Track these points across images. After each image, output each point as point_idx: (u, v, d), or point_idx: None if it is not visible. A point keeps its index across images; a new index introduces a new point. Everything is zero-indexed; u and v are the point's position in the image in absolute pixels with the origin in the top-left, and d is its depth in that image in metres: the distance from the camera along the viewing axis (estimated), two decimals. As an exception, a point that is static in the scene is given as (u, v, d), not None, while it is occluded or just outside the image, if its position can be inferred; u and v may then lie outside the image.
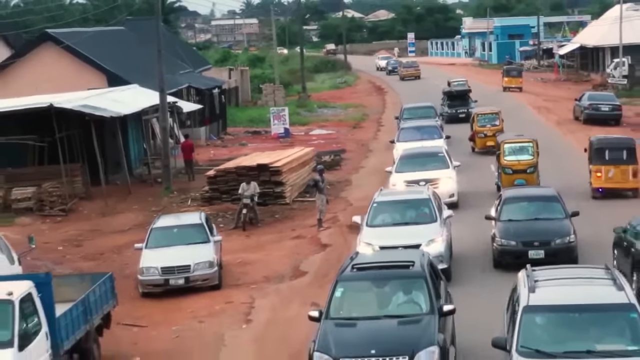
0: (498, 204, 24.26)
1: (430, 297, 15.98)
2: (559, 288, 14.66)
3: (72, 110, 34.56)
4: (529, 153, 31.51)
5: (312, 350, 15.18)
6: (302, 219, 31.52)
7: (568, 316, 13.96)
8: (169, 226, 24.64)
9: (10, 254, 21.76)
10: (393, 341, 15.14)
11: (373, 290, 16.41)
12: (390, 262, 17.03)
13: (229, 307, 21.82)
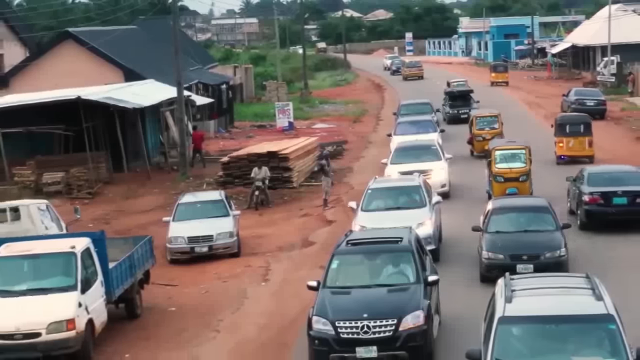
0: (485, 214, 23.20)
1: (416, 269, 17.57)
2: (536, 298, 14.18)
3: (97, 102, 37.75)
4: (521, 160, 29.95)
5: (311, 314, 16.77)
6: (309, 200, 34.73)
7: (545, 327, 13.49)
8: (193, 202, 27.90)
9: (59, 223, 25.00)
10: (383, 306, 16.70)
11: (365, 262, 18.07)
12: (381, 238, 18.79)
13: (248, 270, 25.02)
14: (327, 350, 16.38)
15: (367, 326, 16.28)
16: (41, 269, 18.96)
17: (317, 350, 16.54)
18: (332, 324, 16.44)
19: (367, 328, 16.27)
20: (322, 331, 16.49)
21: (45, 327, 17.92)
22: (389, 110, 65.27)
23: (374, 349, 16.22)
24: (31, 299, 18.34)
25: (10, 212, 24.29)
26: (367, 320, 16.33)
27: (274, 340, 19.04)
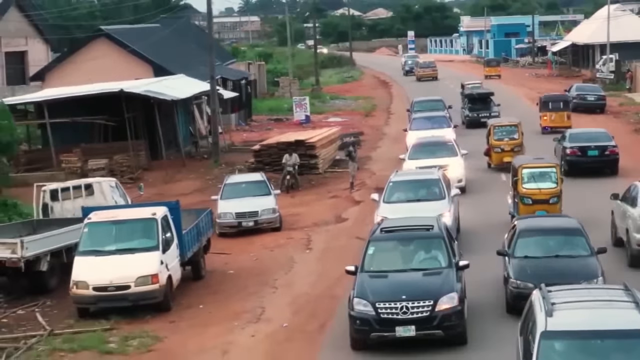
0: (511, 236, 21.08)
1: (448, 254, 18.76)
2: (578, 311, 13.66)
3: (138, 94, 40.94)
4: (551, 180, 27.04)
5: (352, 297, 17.82)
6: (334, 184, 37.98)
7: (590, 343, 13.10)
8: (239, 182, 31.18)
9: (126, 198, 28.26)
10: (420, 288, 17.76)
11: (399, 248, 19.18)
12: (413, 226, 19.90)
13: (291, 241, 28.27)
14: (368, 330, 17.43)
15: (405, 307, 17.37)
16: (127, 232, 22.21)
17: (358, 329, 17.59)
18: (373, 305, 17.48)
19: (406, 309, 17.36)
20: (363, 312, 17.54)
21: (134, 281, 21.17)
22: (398, 105, 68.73)
23: (412, 328, 17.27)
24: (120, 258, 21.57)
25: (85, 188, 27.51)
26: (406, 302, 17.41)
27: (325, 294, 22.24)
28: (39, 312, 22.17)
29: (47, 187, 27.45)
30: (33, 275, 23.50)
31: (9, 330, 21.11)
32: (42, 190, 27.24)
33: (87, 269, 21.40)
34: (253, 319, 20.79)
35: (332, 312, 20.44)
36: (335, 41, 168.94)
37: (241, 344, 19.18)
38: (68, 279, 22.85)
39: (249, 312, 21.29)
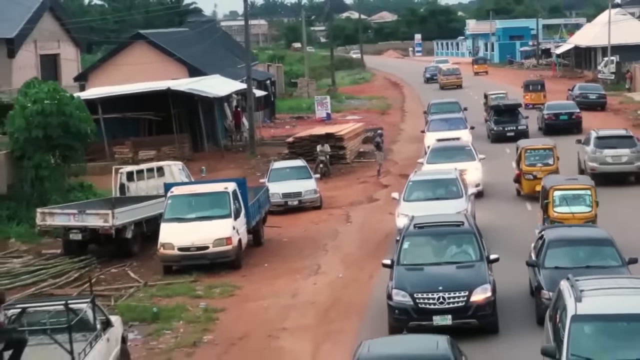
0: (539, 247, 20.88)
1: (479, 248, 19.79)
2: (606, 297, 14.59)
3: (184, 92, 45.30)
4: (586, 203, 25.33)
5: (391, 288, 18.81)
6: (362, 172, 42.34)
7: (617, 325, 13.98)
8: (283, 167, 35.62)
9: (190, 179, 32.61)
10: (455, 280, 18.75)
11: (432, 243, 20.24)
12: (445, 222, 20.99)
13: (332, 217, 32.65)
14: (406, 319, 18.17)
15: (442, 297, 18.37)
16: (204, 203, 26.60)
17: (396, 318, 18.44)
18: (411, 295, 18.47)
19: (443, 299, 18.35)
20: (401, 302, 18.52)
21: (212, 242, 25.54)
22: (411, 104, 73.14)
23: (449, 317, 18.14)
24: (199, 224, 25.95)
25: (157, 170, 31.90)
26: (443, 292, 18.39)
27: (369, 254, 26.53)
28: (129, 270, 26.50)
29: (124, 169, 31.92)
30: (120, 242, 27.84)
31: (108, 283, 25.46)
32: (120, 172, 31.68)
33: (172, 233, 25.77)
34: (312, 272, 25.19)
35: (377, 266, 24.55)
36: (342, 44, 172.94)
37: (306, 290, 23.58)
38: (148, 245, 27.32)
39: (308, 268, 25.67)
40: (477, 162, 33.87)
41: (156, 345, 19.96)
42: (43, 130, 32.33)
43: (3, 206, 31.84)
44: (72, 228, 27.45)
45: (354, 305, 21.86)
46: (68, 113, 32.55)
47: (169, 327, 21.03)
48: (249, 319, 21.43)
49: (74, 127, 32.72)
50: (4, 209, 31.72)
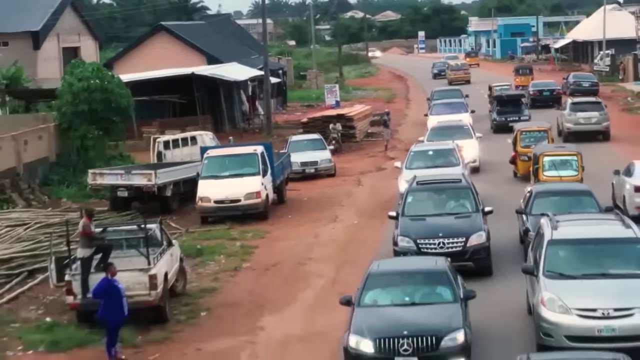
0: (527, 198, 23.56)
1: (475, 201, 22.31)
2: (577, 227, 17.67)
3: (207, 76, 49.28)
4: (572, 168, 27.81)
5: (397, 235, 21.21)
6: (371, 148, 46.34)
7: (585, 247, 16.78)
8: (301, 140, 39.66)
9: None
10: (453, 228, 21.13)
11: (433, 197, 22.80)
12: (444, 179, 23.73)
13: (345, 182, 36.64)
14: None
15: (442, 243, 20.70)
16: (236, 163, 30.57)
17: None
18: (414, 241, 20.83)
19: (443, 244, 20.64)
20: (406, 247, 20.69)
21: (243, 196, 29.51)
22: (415, 94, 77.16)
23: (449, 260, 18.68)
24: (232, 180, 29.91)
25: (190, 139, 35.90)
26: (442, 239, 20.81)
27: (380, 207, 30.38)
28: (171, 222, 30.43)
29: (161, 138, 35.92)
30: (161, 199, 31.77)
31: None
32: (157, 141, 35.70)
33: (208, 188, 29.74)
34: (330, 221, 29.20)
35: (384, 216, 28.55)
36: (347, 42, 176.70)
37: (326, 232, 27.62)
38: (184, 204, 31.24)
39: (326, 217, 29.70)
40: (474, 139, 36.31)
41: (203, 271, 23.91)
42: (88, 105, 36.32)
43: (53, 172, 35.84)
44: (119, 186, 31.40)
45: (368, 242, 25.78)
46: (110, 90, 36.52)
47: (212, 259, 24.98)
48: (279, 253, 25.42)
49: (114, 103, 36.72)
50: (54, 174, 35.71)
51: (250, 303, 20.90)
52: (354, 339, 15.45)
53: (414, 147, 31.77)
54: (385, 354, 15.26)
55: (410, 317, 15.81)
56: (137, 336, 18.70)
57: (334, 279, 22.09)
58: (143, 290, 18.68)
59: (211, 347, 18.12)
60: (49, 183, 35.12)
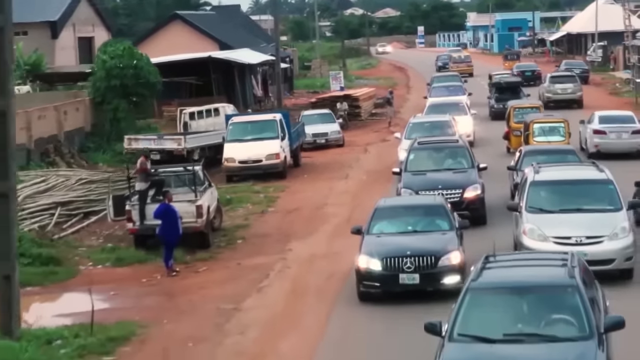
0: (517, 158, 25.92)
1: (470, 159, 24.80)
2: (556, 172, 20.17)
3: (223, 59, 52.99)
4: (560, 134, 30.32)
5: (400, 188, 23.56)
6: (375, 125, 50.15)
7: (563, 187, 19.25)
8: (312, 114, 43.47)
9: (239, 119, 40.30)
10: (451, 182, 23.39)
11: (433, 155, 25.23)
12: (443, 139, 26.87)
13: (353, 151, 40.48)
14: None
15: (441, 194, 22.19)
16: (257, 127, 34.34)
17: None
18: (416, 193, 22.95)
19: (442, 195, 21.99)
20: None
21: (264, 157, 33.25)
22: (415, 82, 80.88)
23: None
24: (254, 143, 33.65)
25: (214, 111, 39.68)
26: (442, 190, 22.74)
27: (384, 169, 33.77)
28: (199, 181, 34.17)
29: (187, 110, 39.62)
30: (189, 162, 35.41)
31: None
32: (184, 112, 39.46)
33: (233, 150, 33.49)
34: (342, 178, 33.06)
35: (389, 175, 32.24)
36: (347, 38, 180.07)
37: (339, 186, 31.47)
38: (209, 166, 34.89)
39: (338, 176, 33.53)
40: (468, 116, 39.13)
41: (234, 214, 27.66)
42: (120, 80, 40.04)
43: (89, 140, 39.65)
44: (152, 150, 35.13)
45: (377, 192, 29.21)
46: (139, 67, 40.26)
47: (241, 206, 28.79)
48: (299, 201, 29.27)
49: (144, 78, 40.49)
50: (90, 142, 39.52)
51: (278, 234, 24.70)
52: (364, 259, 17.73)
53: (412, 119, 34.62)
54: (391, 271, 17.50)
55: (412, 242, 18.09)
56: (186, 256, 22.44)
57: (349, 218, 25.74)
58: (191, 218, 22.43)
59: (249, 263, 21.87)
60: (85, 150, 38.87)
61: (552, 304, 11.95)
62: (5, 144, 16.70)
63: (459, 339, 11.54)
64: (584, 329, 11.51)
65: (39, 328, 17.14)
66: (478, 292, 12.04)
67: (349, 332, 16.55)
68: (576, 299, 11.77)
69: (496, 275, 12.50)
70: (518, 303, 12.01)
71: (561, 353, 11.21)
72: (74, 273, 21.74)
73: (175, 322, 17.67)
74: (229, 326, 17.14)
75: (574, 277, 12.11)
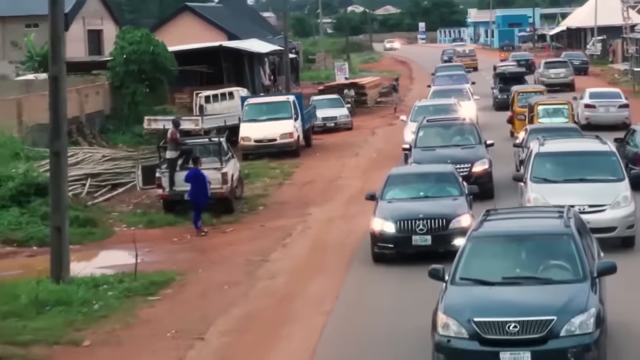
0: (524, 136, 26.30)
1: (478, 136, 25.92)
2: (560, 144, 20.74)
3: (233, 48, 54.69)
4: (564, 115, 30.93)
5: (410, 163, 24.66)
6: (381, 112, 51.92)
7: (567, 159, 19.73)
8: (322, 99, 45.29)
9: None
10: (460, 156, 24.24)
11: (442, 132, 26.39)
12: (451, 118, 28.58)
13: (361, 133, 42.23)
14: None
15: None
16: (272, 108, 36.09)
17: None
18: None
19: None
20: None
21: (279, 136, 34.98)
22: (418, 74, 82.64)
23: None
24: (269, 123, 35.41)
25: (228, 94, 41.42)
26: (451, 164, 22.47)
27: (393, 148, 35.47)
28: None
29: (202, 93, 41.34)
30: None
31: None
32: (199, 95, 41.17)
33: (249, 129, 35.22)
34: (352, 156, 34.90)
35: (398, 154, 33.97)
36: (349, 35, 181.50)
37: (350, 163, 33.27)
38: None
39: (349, 154, 35.36)
40: (472, 101, 40.22)
41: (253, 187, 29.37)
42: (138, 65, 41.72)
43: (109, 123, 41.37)
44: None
45: (387, 167, 30.55)
46: (156, 52, 41.95)
47: (258, 180, 30.48)
48: (313, 175, 31.04)
49: (160, 64, 42.17)
50: (109, 124, 41.23)
51: (296, 202, 26.50)
52: (379, 221, 18.70)
53: (418, 103, 36.02)
54: (404, 232, 18.47)
55: (424, 206, 19.14)
56: (212, 220, 24.16)
57: (362, 189, 27.22)
58: (217, 185, 24.15)
59: (272, 225, 23.62)
60: (105, 132, 40.57)
61: (549, 251, 12.77)
62: (57, 107, 18.45)
63: (461, 283, 12.36)
64: (578, 273, 12.31)
65: (85, 276, 18.83)
66: (479, 241, 12.84)
67: (369, 275, 18.26)
68: (571, 246, 12.59)
69: (496, 226, 13.40)
70: (517, 250, 12.82)
71: (556, 293, 12.00)
72: (110, 234, 23.48)
73: (209, 271, 19.40)
74: (259, 273, 18.85)
75: (569, 227, 12.97)
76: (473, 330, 11.65)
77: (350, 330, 15.00)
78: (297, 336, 14.95)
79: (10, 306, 16.70)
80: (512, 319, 11.58)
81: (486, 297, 12.07)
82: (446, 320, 11.81)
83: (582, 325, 11.62)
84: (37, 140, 32.99)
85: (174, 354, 14.33)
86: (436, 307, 12.11)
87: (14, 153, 29.56)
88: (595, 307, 11.85)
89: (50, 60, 19.04)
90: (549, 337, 11.54)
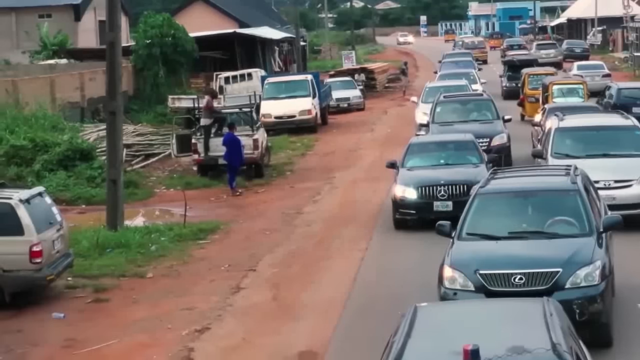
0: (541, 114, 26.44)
1: (495, 111, 26.28)
2: (581, 119, 20.36)
3: (247, 34, 56.55)
4: (579, 95, 30.76)
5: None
6: (390, 95, 53.76)
7: (588, 134, 19.12)
8: (335, 81, 47.14)
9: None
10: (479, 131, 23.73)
11: (459, 108, 26.77)
12: (468, 93, 29.63)
13: (373, 113, 44.12)
14: None
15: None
16: (292, 86, 38.01)
17: None
18: None
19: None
20: None
21: (298, 112, 36.84)
22: (423, 63, 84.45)
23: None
24: (288, 101, 37.28)
25: (247, 75, 43.28)
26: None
27: (404, 128, 37.40)
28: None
29: (222, 74, 43.19)
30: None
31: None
32: (219, 77, 43.01)
33: (269, 107, 37.05)
34: (368, 131, 36.76)
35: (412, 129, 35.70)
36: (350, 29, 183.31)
37: (367, 136, 35.18)
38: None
39: (364, 130, 37.28)
40: (478, 84, 40.31)
41: (277, 157, 31.21)
42: (160, 48, 43.57)
43: (132, 103, 43.18)
44: (194, 108, 38.59)
45: (404, 140, 32.39)
46: (177, 36, 43.80)
47: (282, 151, 32.32)
48: (333, 147, 32.97)
49: (181, 47, 44.00)
50: (133, 105, 43.05)
51: (321, 168, 28.45)
52: (401, 188, 19.07)
53: (428, 84, 36.41)
54: (426, 199, 18.87)
55: (445, 173, 19.46)
56: (245, 182, 26.05)
57: (381, 157, 29.16)
58: (249, 150, 26.02)
59: (300, 186, 25.56)
60: (129, 111, 42.37)
61: (555, 206, 12.89)
62: (113, 68, 20.32)
63: (467, 238, 12.51)
64: (584, 227, 12.43)
65: (138, 226, 20.70)
66: (485, 197, 13.03)
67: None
68: (577, 201, 12.73)
69: (503, 183, 13.65)
70: (523, 206, 12.98)
71: (562, 247, 12.09)
72: (151, 194, 25.39)
73: (250, 221, 21.33)
74: (296, 222, 20.79)
75: (575, 183, 13.12)
76: (479, 282, 11.73)
77: (386, 262, 16.90)
78: (339, 266, 16.87)
79: (74, 249, 18.58)
80: (518, 271, 11.65)
81: (492, 251, 12.22)
82: (452, 274, 11.94)
83: (587, 277, 11.70)
84: (69, 117, 34.90)
85: (232, 282, 16.20)
86: (442, 262, 12.29)
87: (52, 126, 31.37)
88: (600, 260, 11.94)
89: (107, 27, 20.83)
90: (554, 289, 11.51)
